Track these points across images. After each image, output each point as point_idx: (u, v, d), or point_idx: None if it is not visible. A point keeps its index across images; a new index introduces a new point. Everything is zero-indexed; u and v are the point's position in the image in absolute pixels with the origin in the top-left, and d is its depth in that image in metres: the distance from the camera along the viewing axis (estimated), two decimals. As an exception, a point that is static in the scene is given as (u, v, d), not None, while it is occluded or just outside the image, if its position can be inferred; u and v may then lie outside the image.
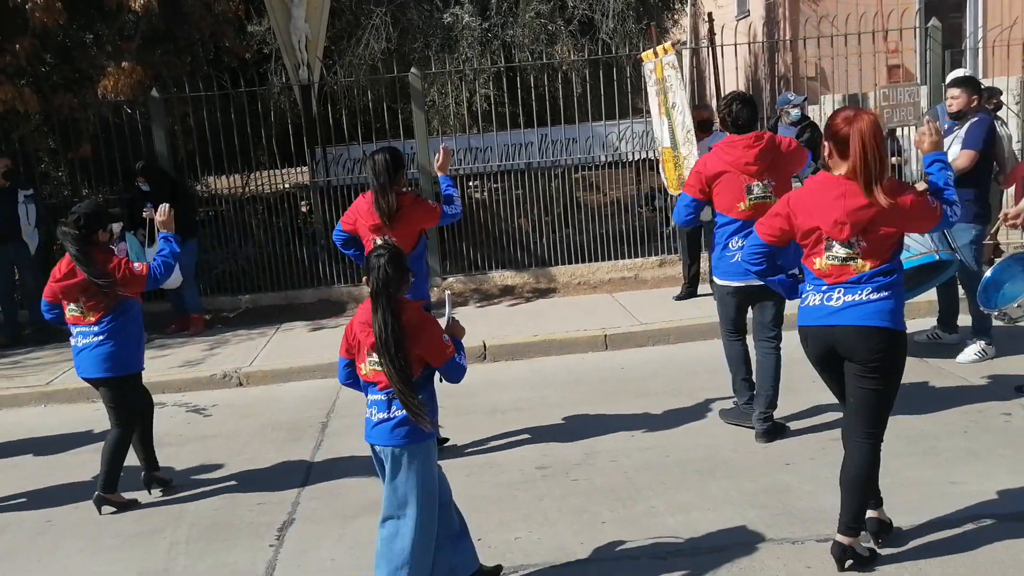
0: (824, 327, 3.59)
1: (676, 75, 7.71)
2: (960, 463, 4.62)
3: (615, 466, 4.98)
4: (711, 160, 5.07)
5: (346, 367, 3.70)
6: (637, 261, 9.44)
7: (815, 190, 3.61)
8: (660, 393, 6.11)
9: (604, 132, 9.81)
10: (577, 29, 11.61)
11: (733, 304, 5.18)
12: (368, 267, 3.47)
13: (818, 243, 3.56)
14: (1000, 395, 5.51)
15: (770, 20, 15.38)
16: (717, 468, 4.82)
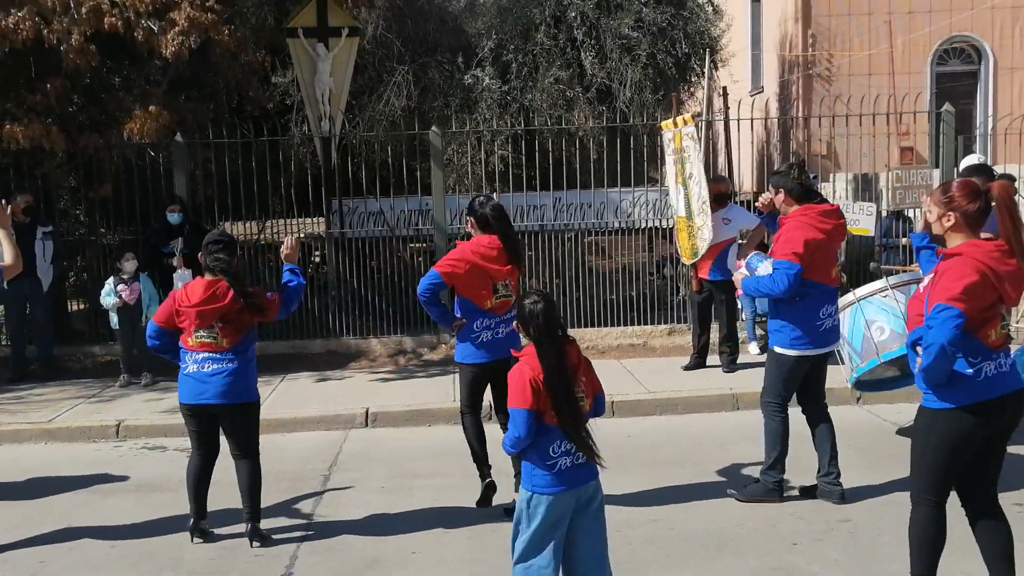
0: (1015, 393, 3.57)
1: (695, 146, 7.82)
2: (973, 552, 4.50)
3: (620, 536, 4.91)
4: (808, 230, 4.94)
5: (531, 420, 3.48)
6: (646, 328, 9.45)
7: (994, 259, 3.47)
8: (666, 463, 6.06)
9: (617, 198, 9.91)
10: (595, 97, 11.81)
11: (800, 373, 5.16)
12: (526, 314, 3.48)
13: (994, 315, 3.52)
14: (1011, 484, 5.40)
15: (784, 97, 15.64)
16: (724, 545, 4.77)
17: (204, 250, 4.88)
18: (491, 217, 5.04)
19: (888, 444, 6.29)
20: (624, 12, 11.96)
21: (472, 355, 5.16)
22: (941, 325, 3.38)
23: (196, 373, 4.82)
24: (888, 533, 4.77)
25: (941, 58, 16.40)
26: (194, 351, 4.83)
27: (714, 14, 13.13)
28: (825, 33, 16.14)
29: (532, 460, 3.55)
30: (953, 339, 3.37)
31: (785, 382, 5.20)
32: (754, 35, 18.92)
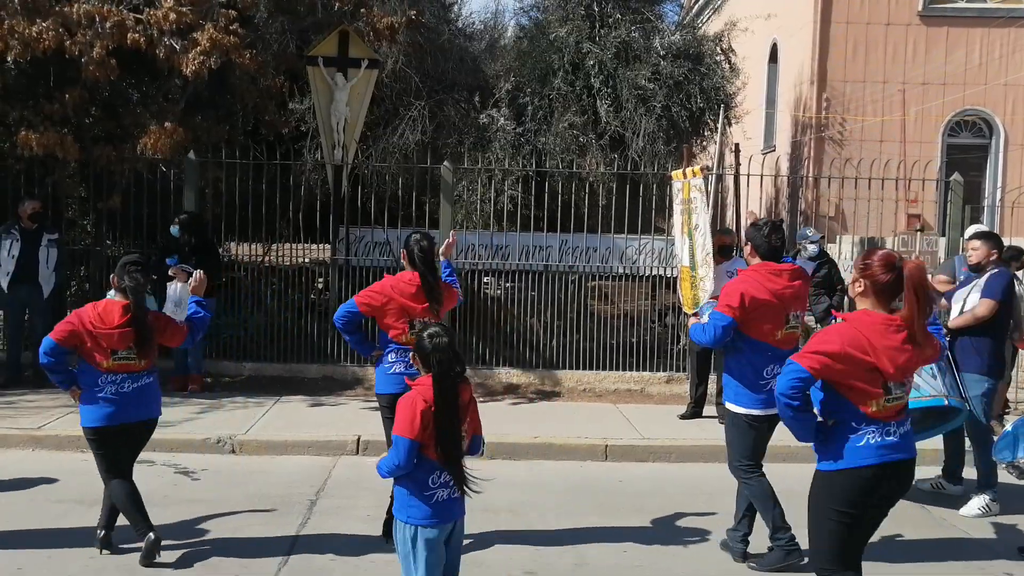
0: (898, 462, 3.59)
1: (702, 198, 7.85)
2: (959, 619, 4.49)
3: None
4: (752, 286, 4.88)
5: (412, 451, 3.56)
6: (644, 375, 9.42)
7: (874, 330, 3.53)
8: (656, 511, 5.99)
9: (623, 245, 9.94)
10: (608, 144, 11.88)
11: (755, 435, 5.00)
12: (428, 348, 3.56)
13: (873, 386, 3.53)
14: (1003, 553, 5.39)
15: (795, 157, 15.78)
16: (709, 595, 4.70)
17: (120, 270, 4.91)
18: (416, 255, 5.16)
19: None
20: (642, 64, 12.08)
21: (386, 385, 5.20)
22: (782, 377, 3.63)
23: (115, 394, 4.84)
24: (877, 595, 4.70)
25: (953, 130, 16.57)
26: (111, 372, 4.83)
27: (731, 71, 13.25)
28: (839, 97, 16.33)
29: (409, 489, 3.62)
30: (786, 391, 3.57)
31: (741, 440, 5.04)
32: (769, 95, 19.14)
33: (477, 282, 9.83)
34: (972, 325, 6.08)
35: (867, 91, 16.09)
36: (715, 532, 5.54)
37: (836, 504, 3.61)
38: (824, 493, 3.66)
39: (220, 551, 5.12)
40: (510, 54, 13.12)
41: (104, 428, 4.85)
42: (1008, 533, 5.72)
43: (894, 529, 5.73)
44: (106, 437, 4.88)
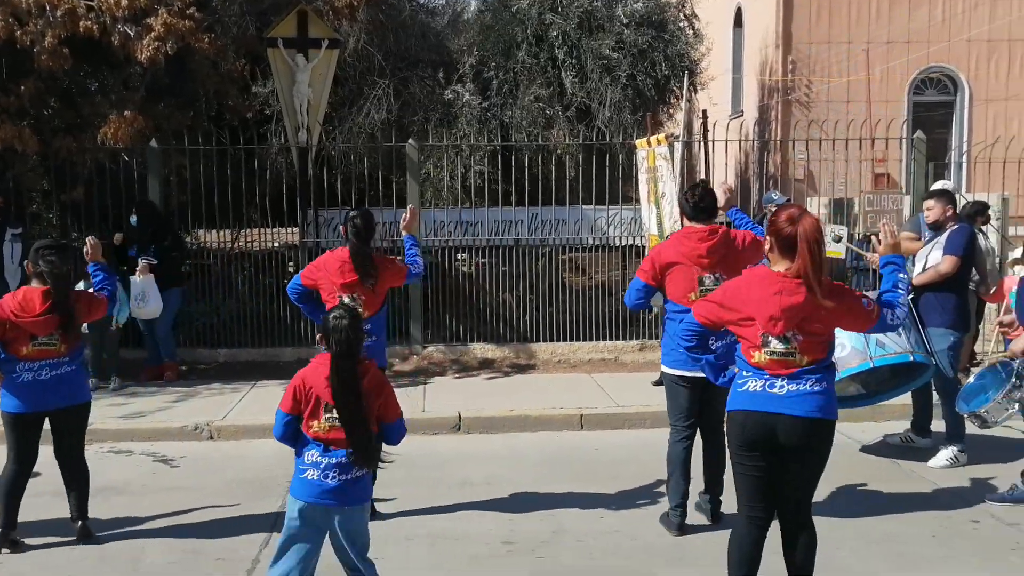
0: (768, 413, 3.62)
1: (667, 166, 7.88)
2: (927, 568, 4.60)
3: (582, 546, 4.93)
4: (666, 249, 5.06)
5: (288, 424, 3.68)
6: (618, 344, 9.50)
7: (753, 282, 3.69)
8: (632, 477, 6.06)
9: (593, 216, 9.97)
10: (574, 115, 11.87)
11: (684, 394, 5.07)
12: (329, 328, 3.55)
13: (755, 336, 3.62)
14: (970, 502, 5.51)
15: (762, 121, 15.80)
16: (685, 557, 4.78)
17: (33, 255, 4.87)
18: (349, 231, 5.23)
19: (851, 462, 6.32)
20: (605, 33, 12.05)
21: None
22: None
23: (33, 381, 4.81)
24: (845, 548, 4.80)
25: (918, 88, 16.63)
26: (29, 359, 4.81)
27: (695, 38, 13.23)
28: (805, 60, 16.33)
29: (296, 462, 3.66)
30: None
31: (671, 401, 5.14)
32: (735, 60, 19.12)
33: (448, 259, 9.84)
34: (936, 281, 6.16)
35: (832, 52, 16.10)
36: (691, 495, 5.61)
37: (728, 443, 3.83)
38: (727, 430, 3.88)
39: (202, 535, 5.15)
40: (473, 28, 13.03)
41: (19, 415, 4.84)
42: (975, 483, 5.84)
43: (865, 483, 5.85)
44: (20, 423, 4.85)
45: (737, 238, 4.99)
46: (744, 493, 3.84)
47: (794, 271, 3.54)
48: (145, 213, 8.70)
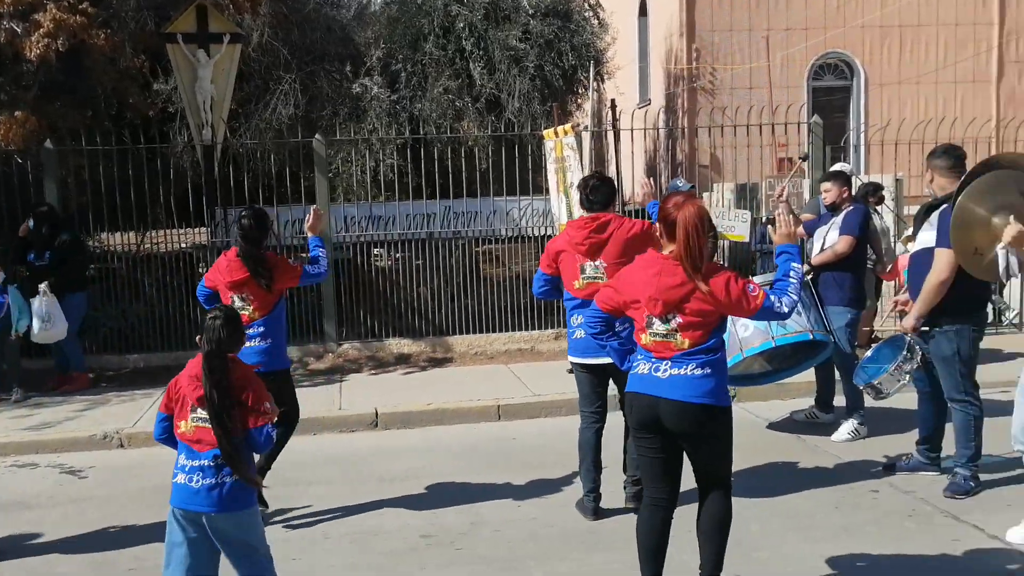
0: (652, 396, 3.71)
1: (575, 156, 7.98)
2: (830, 538, 4.78)
3: (499, 536, 4.98)
4: (559, 238, 5.25)
5: (163, 422, 3.67)
6: (534, 333, 9.59)
7: (641, 265, 3.81)
8: (550, 465, 6.14)
9: (506, 207, 10.02)
10: (484, 107, 11.91)
11: (586, 381, 5.18)
12: (204, 327, 3.53)
13: (641, 318, 3.74)
14: (870, 473, 5.75)
15: (670, 109, 16.09)
16: (600, 540, 4.87)
17: None
18: (236, 231, 5.22)
19: (758, 439, 6.53)
20: (512, 24, 12.11)
21: None
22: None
23: None
24: (754, 523, 4.96)
25: (817, 73, 17.18)
26: None
27: (600, 27, 13.40)
28: (709, 48, 16.70)
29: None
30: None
31: (577, 387, 5.27)
32: (642, 49, 19.42)
33: (362, 255, 9.77)
34: (833, 261, 6.40)
35: (734, 40, 16.50)
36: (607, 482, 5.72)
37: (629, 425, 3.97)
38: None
39: (112, 546, 5.03)
40: (379, 21, 12.94)
41: None
42: (875, 453, 6.10)
43: (772, 459, 6.05)
44: None
45: (623, 226, 5.00)
46: (645, 475, 3.95)
47: (675, 254, 3.67)
48: (42, 217, 8.41)
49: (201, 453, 3.48)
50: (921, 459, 5.68)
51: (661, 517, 3.89)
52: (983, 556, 4.47)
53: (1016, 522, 4.66)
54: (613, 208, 5.16)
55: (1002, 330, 9.57)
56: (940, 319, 5.17)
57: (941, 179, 5.27)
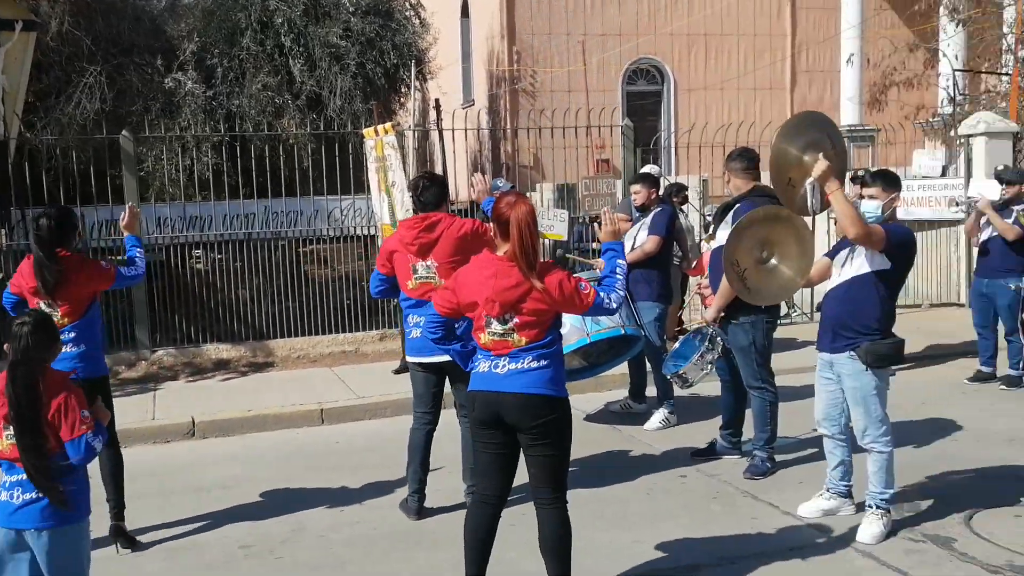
0: (493, 392, 3.78)
1: (396, 155, 7.98)
2: (642, 523, 5.02)
3: (322, 541, 4.93)
4: (391, 238, 5.32)
5: None
6: (358, 335, 9.51)
7: (476, 267, 3.87)
8: (375, 467, 6.12)
9: (329, 207, 9.87)
10: (305, 104, 11.69)
11: (421, 380, 5.22)
12: (11, 335, 3.31)
13: (480, 318, 3.79)
14: (679, 460, 6.08)
15: (493, 110, 16.37)
16: (424, 539, 4.92)
17: None
18: (32, 234, 4.95)
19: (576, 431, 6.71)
20: (332, 21, 11.94)
21: None
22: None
23: None
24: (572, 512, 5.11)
25: (631, 78, 17.94)
26: None
27: (422, 27, 13.44)
28: (529, 50, 17.09)
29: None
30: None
31: (412, 384, 5.31)
32: (464, 49, 19.62)
33: (176, 257, 9.36)
34: (642, 259, 6.72)
35: (553, 43, 16.97)
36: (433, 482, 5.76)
37: (470, 423, 4.01)
38: None
39: None
40: (193, 13, 12.43)
41: None
42: (684, 441, 6.45)
43: (589, 450, 6.28)
44: None
45: (453, 226, 5.04)
46: (480, 471, 3.99)
47: (509, 254, 3.73)
48: None
49: (20, 468, 3.25)
50: (724, 444, 6.07)
51: (490, 513, 3.95)
52: (779, 531, 4.83)
53: (807, 498, 5.06)
54: (445, 207, 5.19)
55: (795, 320, 10.32)
56: (737, 312, 5.55)
57: (737, 180, 5.65)
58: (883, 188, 4.68)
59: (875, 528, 4.63)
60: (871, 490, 4.72)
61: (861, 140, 13.95)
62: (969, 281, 9.80)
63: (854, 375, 4.66)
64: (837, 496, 4.99)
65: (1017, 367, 7.61)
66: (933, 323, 10.11)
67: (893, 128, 11.49)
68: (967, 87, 15.21)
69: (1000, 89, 14.03)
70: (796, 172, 4.62)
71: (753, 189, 5.57)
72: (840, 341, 4.69)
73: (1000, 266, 7.51)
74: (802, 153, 4.61)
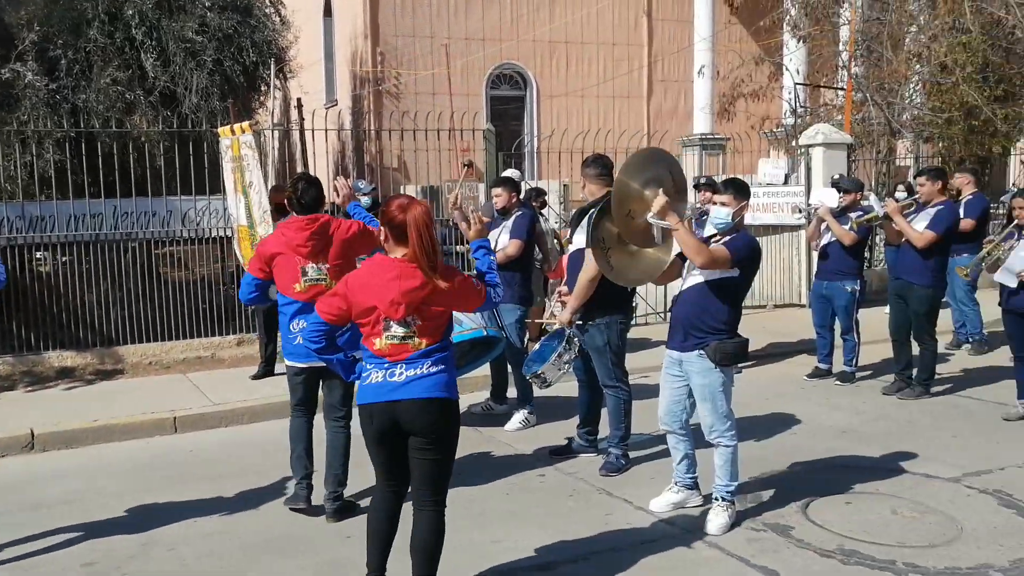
0: (388, 402, 3.76)
1: (253, 155, 7.80)
2: (502, 523, 5.10)
3: (173, 555, 4.77)
4: (270, 240, 5.19)
5: None
6: (214, 340, 9.22)
7: (373, 271, 3.82)
8: (230, 475, 5.97)
9: (183, 207, 9.53)
10: (158, 100, 11.24)
11: (299, 384, 5.22)
12: None
13: (376, 323, 3.75)
14: (539, 459, 6.21)
15: (356, 111, 16.22)
16: (283, 547, 4.83)
17: None
18: None
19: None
20: (187, 15, 11.53)
21: None
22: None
23: None
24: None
25: (495, 83, 18.13)
26: None
27: (282, 24, 13.17)
28: (393, 52, 17.01)
29: None
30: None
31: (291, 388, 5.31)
32: (327, 49, 19.34)
33: (15, 259, 8.82)
34: (504, 262, 6.79)
35: (417, 45, 16.96)
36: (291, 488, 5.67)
37: (363, 433, 3.92)
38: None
39: None
40: (35, 1, 11.75)
41: None
42: (543, 441, 6.59)
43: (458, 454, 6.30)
44: None
45: (341, 227, 5.05)
46: (382, 474, 3.98)
47: (409, 256, 3.73)
48: None
49: None
50: (582, 442, 6.23)
51: (391, 504, 4.00)
52: (632, 525, 5.01)
53: (658, 493, 5.27)
54: (322, 208, 5.17)
55: (650, 321, 10.69)
56: (593, 313, 5.72)
57: (592, 185, 5.82)
58: (734, 196, 4.94)
59: (721, 519, 4.87)
60: (717, 483, 4.96)
61: (712, 148, 14.62)
62: (809, 283, 10.42)
63: (702, 372, 4.88)
64: (684, 489, 5.22)
65: (851, 364, 8.13)
66: (776, 323, 10.68)
67: (741, 137, 12.09)
68: (808, 100, 16.14)
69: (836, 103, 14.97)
70: (637, 205, 4.74)
71: (607, 194, 5.74)
72: (690, 340, 4.91)
73: (838, 269, 8.01)
74: (643, 188, 4.74)
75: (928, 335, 7.52)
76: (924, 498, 5.26)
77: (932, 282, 7.35)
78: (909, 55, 13.72)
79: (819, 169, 11.34)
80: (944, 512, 5.05)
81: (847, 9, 14.28)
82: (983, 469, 5.73)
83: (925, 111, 13.43)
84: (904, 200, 8.27)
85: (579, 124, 16.32)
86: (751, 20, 18.99)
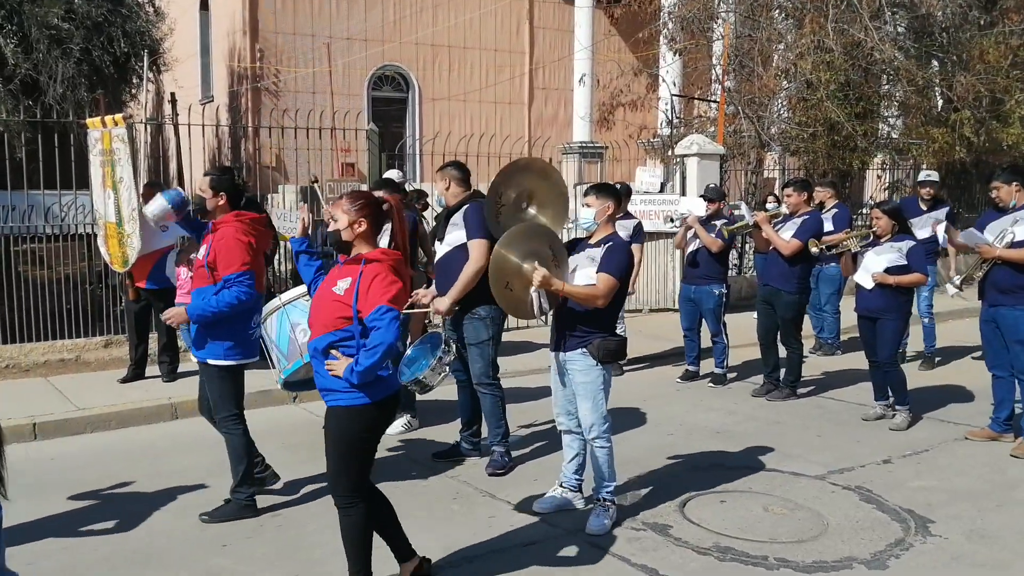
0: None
1: (125, 149, 7.47)
2: (384, 527, 5.04)
3: (31, 570, 4.49)
4: (245, 234, 5.14)
5: None
6: (79, 342, 8.77)
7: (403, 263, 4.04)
8: (93, 484, 5.68)
9: (47, 202, 9.02)
10: (19, 89, 10.64)
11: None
12: None
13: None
14: (421, 463, 6.17)
15: (234, 107, 15.78)
16: (152, 559, 4.63)
17: None
18: None
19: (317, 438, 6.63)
20: (53, 1, 10.97)
21: None
22: (388, 326, 3.79)
23: None
24: (314, 523, 5.08)
25: (376, 83, 17.96)
26: None
27: (156, 16, 12.69)
28: (272, 49, 16.63)
29: None
30: (399, 337, 3.83)
31: (235, 394, 5.26)
32: (204, 43, 18.74)
33: None
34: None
35: (298, 43, 16.63)
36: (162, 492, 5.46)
37: (371, 434, 3.99)
38: (360, 426, 3.94)
39: None
40: None
41: None
42: (427, 444, 6.55)
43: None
44: None
45: None
46: (366, 482, 4.15)
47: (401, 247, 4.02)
48: None
49: None
50: (466, 445, 6.23)
51: None
52: (515, 527, 5.03)
53: (542, 494, 5.33)
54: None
55: (532, 324, 10.80)
56: (476, 305, 5.72)
57: (456, 187, 5.90)
58: (597, 197, 5.08)
59: (602, 519, 4.96)
60: (596, 484, 5.05)
61: (591, 156, 14.92)
62: (683, 288, 10.74)
63: (585, 370, 4.96)
64: (569, 490, 5.29)
65: (722, 365, 8.43)
66: (652, 326, 10.98)
67: (619, 146, 12.38)
68: (683, 111, 16.69)
69: (710, 115, 15.53)
70: (515, 280, 4.79)
71: (475, 193, 5.85)
72: (573, 340, 4.99)
73: (706, 274, 8.31)
74: (522, 261, 4.79)
75: (794, 339, 7.87)
76: (793, 495, 5.51)
77: (798, 288, 7.71)
78: (778, 71, 14.36)
79: (694, 178, 11.73)
80: (811, 508, 5.29)
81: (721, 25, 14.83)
82: (845, 467, 6.04)
83: (792, 125, 14.09)
84: (772, 210, 8.65)
85: (461, 128, 16.35)
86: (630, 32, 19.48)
